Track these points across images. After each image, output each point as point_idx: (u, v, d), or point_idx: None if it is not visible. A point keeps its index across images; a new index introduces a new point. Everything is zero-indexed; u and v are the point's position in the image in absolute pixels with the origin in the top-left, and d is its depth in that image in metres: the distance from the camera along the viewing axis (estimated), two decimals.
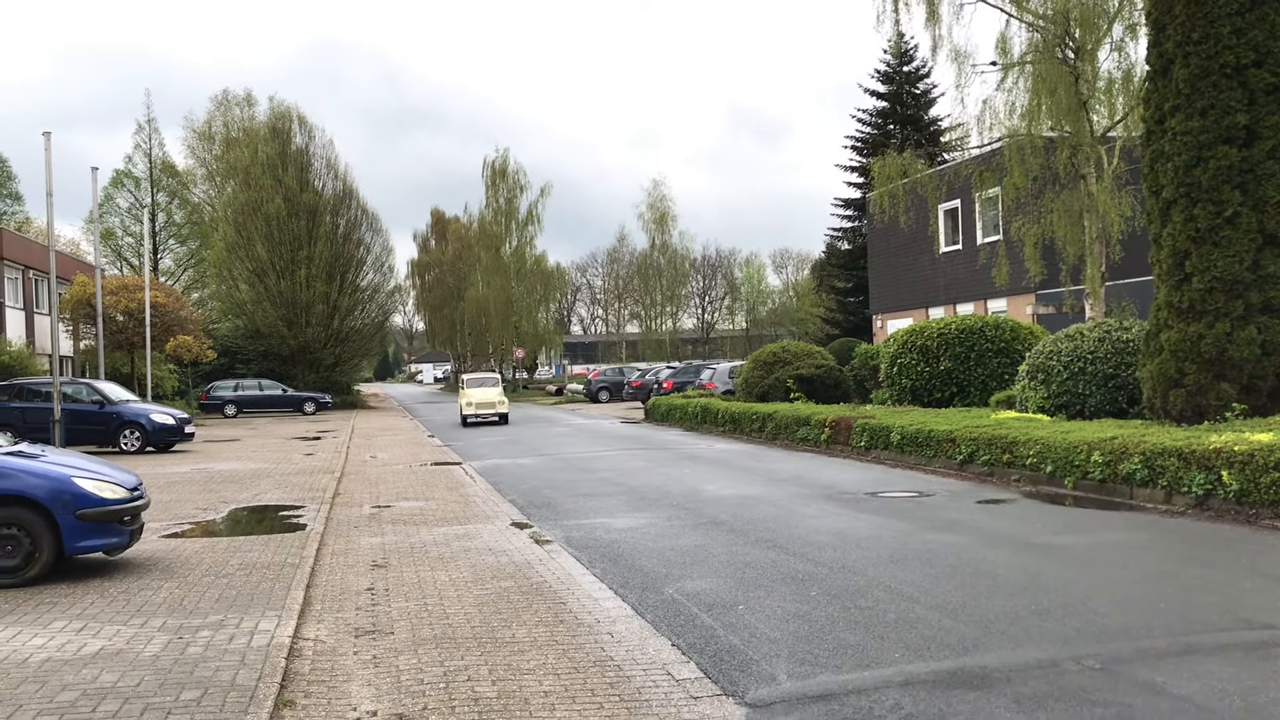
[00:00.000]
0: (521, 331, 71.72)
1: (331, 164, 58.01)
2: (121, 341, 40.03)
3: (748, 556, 10.18)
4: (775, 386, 28.44)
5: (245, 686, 6.06)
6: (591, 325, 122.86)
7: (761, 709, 5.81)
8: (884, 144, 48.64)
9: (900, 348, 24.21)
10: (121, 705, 5.75)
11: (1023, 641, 6.93)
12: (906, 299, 42.52)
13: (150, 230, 55.98)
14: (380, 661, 6.79)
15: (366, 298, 59.22)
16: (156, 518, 12.97)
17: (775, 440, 23.70)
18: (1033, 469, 14.85)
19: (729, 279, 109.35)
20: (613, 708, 5.82)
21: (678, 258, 77.60)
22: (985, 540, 10.72)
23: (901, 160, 29.59)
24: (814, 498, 14.29)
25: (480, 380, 38.23)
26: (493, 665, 6.64)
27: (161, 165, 62.66)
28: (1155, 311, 15.19)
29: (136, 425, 25.20)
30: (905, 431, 18.39)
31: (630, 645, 7.08)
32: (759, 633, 7.37)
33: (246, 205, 54.06)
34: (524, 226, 71.93)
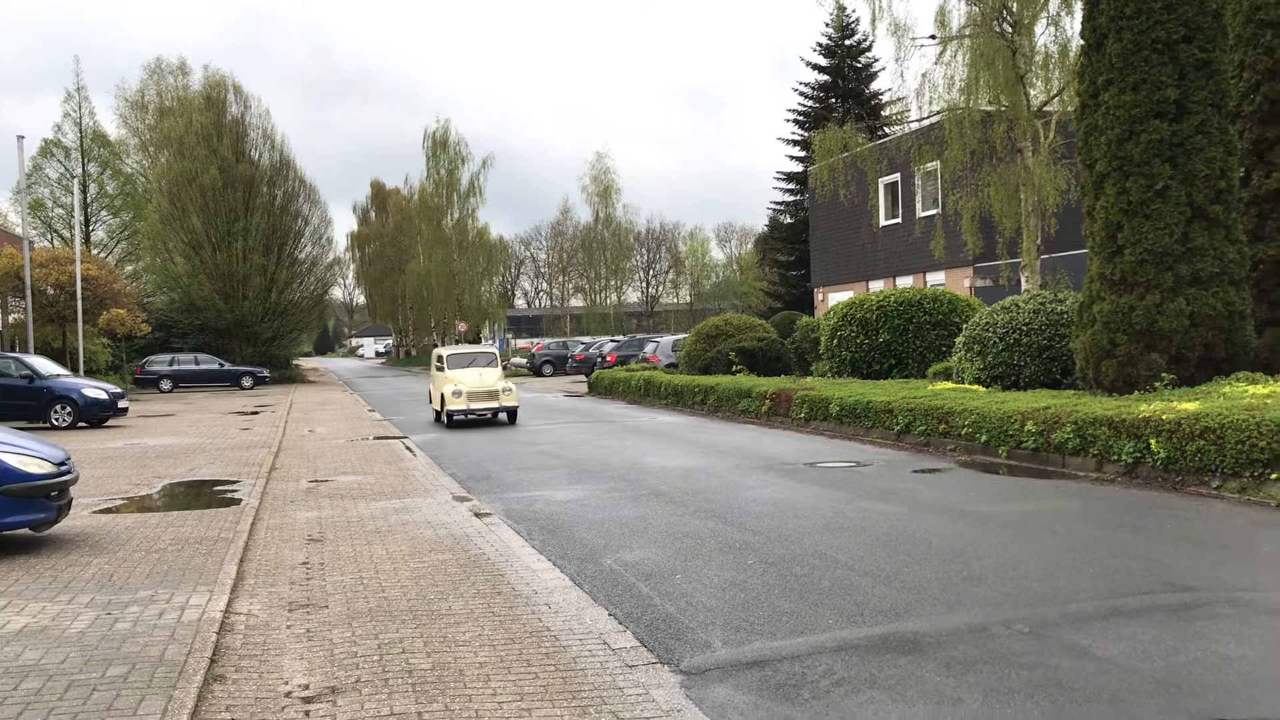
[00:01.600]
0: (464, 305, 71.17)
1: (268, 134, 57.04)
2: (52, 315, 39.10)
3: (687, 527, 10.23)
4: (718, 359, 28.55)
5: (174, 661, 5.96)
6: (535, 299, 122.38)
7: (696, 676, 5.84)
8: (825, 118, 48.81)
9: (840, 320, 24.40)
10: (44, 683, 5.63)
11: (954, 607, 7.03)
12: (847, 272, 42.84)
13: (81, 201, 54.60)
14: (314, 635, 6.72)
15: (305, 270, 58.40)
16: (88, 493, 12.71)
17: (717, 413, 23.81)
18: (968, 439, 15.07)
19: (673, 252, 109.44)
20: (548, 678, 5.81)
21: (622, 231, 77.47)
22: (920, 509, 10.86)
23: (842, 134, 29.73)
24: (753, 469, 14.38)
25: (469, 356, 24.49)
26: (428, 638, 6.60)
27: (92, 135, 61.05)
28: (1088, 283, 15.44)
29: (68, 400, 24.66)
30: (844, 403, 18.56)
31: (567, 616, 7.08)
32: (695, 601, 7.40)
33: (181, 176, 52.93)
34: (466, 198, 71.30)
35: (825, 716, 5.15)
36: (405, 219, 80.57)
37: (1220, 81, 14.53)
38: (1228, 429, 11.10)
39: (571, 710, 5.30)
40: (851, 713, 5.19)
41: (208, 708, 5.40)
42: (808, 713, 5.22)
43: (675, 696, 5.50)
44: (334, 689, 5.67)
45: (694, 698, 5.48)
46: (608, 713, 5.26)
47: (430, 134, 71.92)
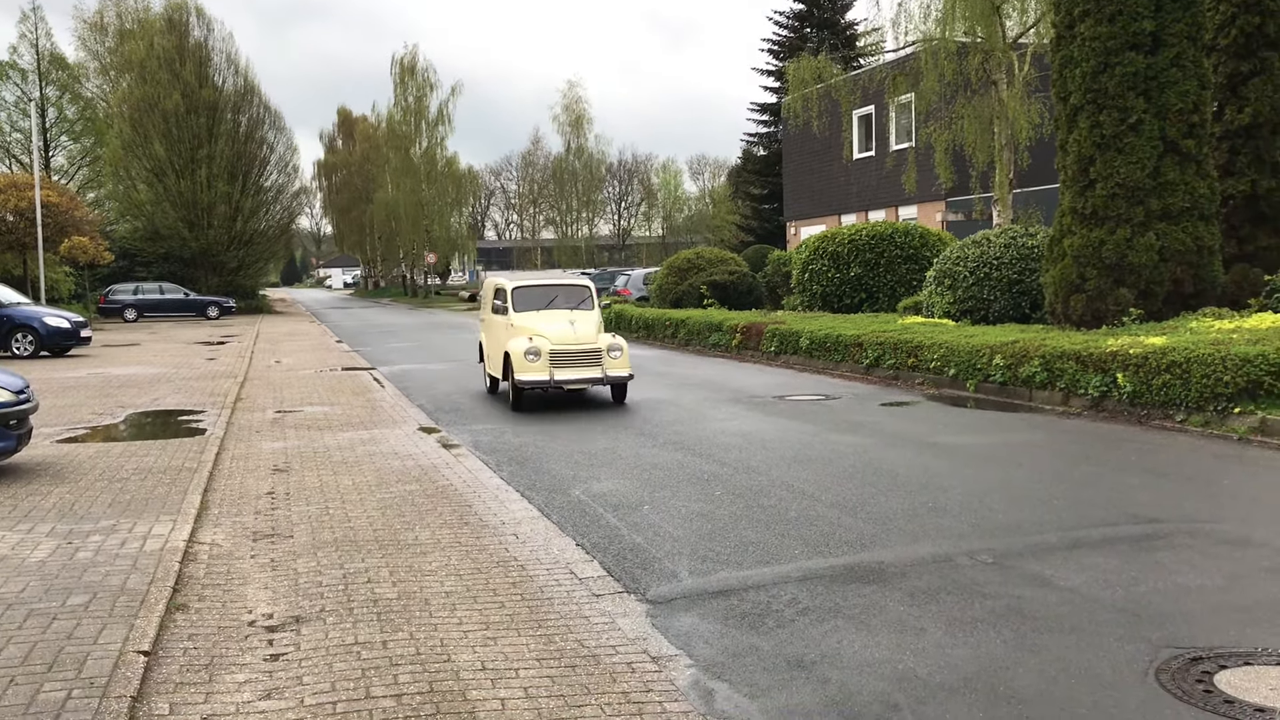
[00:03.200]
0: (433, 236, 70.45)
1: (232, 59, 55.72)
2: (12, 243, 38.36)
3: (655, 458, 10.23)
4: (689, 293, 28.47)
5: (136, 590, 5.91)
6: (506, 231, 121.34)
7: (662, 605, 5.85)
8: (800, 47, 48.23)
9: (812, 254, 24.33)
10: (3, 611, 5.57)
11: (919, 538, 7.07)
12: (820, 206, 42.67)
13: (40, 126, 53.33)
14: (278, 565, 6.68)
15: (270, 199, 57.48)
16: (49, 423, 12.55)
17: (688, 346, 23.79)
18: (936, 372, 15.13)
19: (646, 185, 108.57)
20: (514, 606, 5.81)
21: (593, 162, 76.57)
22: (887, 441, 10.91)
23: (816, 64, 29.41)
24: (723, 401, 14.39)
25: (549, 292, 14.99)
26: (394, 567, 6.58)
27: (50, 57, 59.40)
28: (1059, 218, 15.43)
29: (29, 329, 24.28)
30: (814, 336, 18.57)
31: (534, 545, 7.07)
32: (662, 531, 7.41)
33: (143, 101, 51.72)
34: (434, 127, 70.18)
35: (789, 645, 5.18)
36: (373, 147, 79.28)
37: (1196, 14, 14.42)
38: (1193, 363, 11.18)
39: (537, 639, 5.29)
40: (815, 641, 5.22)
41: (170, 636, 5.36)
42: (772, 641, 5.24)
43: (641, 625, 5.51)
44: (298, 618, 5.64)
45: (659, 626, 5.49)
46: (573, 641, 5.26)
47: (398, 60, 70.57)
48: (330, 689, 4.67)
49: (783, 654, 5.07)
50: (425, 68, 70.06)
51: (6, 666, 4.78)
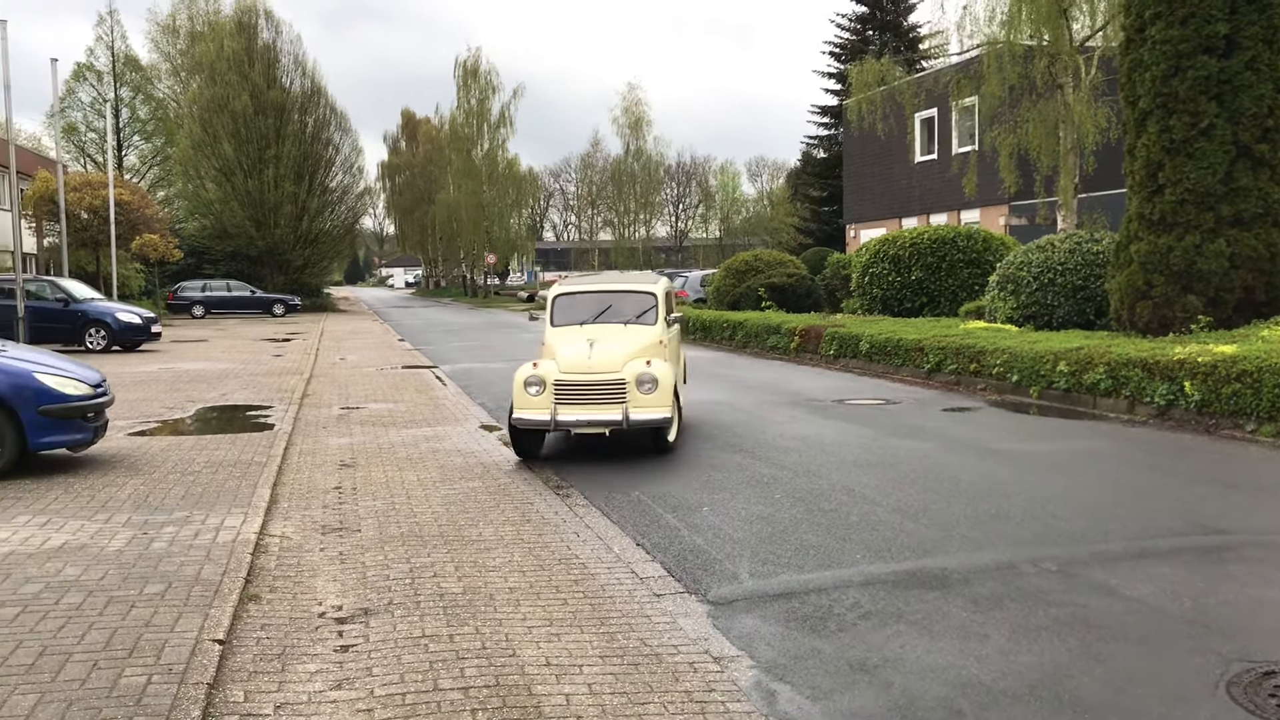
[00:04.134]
0: (493, 237, 70.99)
1: (299, 60, 56.63)
2: (86, 240, 39.36)
3: (714, 460, 10.26)
4: (747, 295, 28.42)
5: (210, 581, 6.07)
6: (564, 232, 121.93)
7: (723, 606, 5.89)
8: (862, 50, 47.96)
9: (872, 257, 24.18)
10: (85, 598, 5.75)
11: (982, 544, 7.04)
12: (880, 209, 42.38)
13: (114, 126, 54.63)
14: (346, 558, 6.82)
15: (336, 199, 58.32)
16: (123, 416, 12.88)
17: (745, 348, 23.76)
18: (999, 378, 14.98)
19: (703, 186, 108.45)
20: (577, 604, 5.88)
21: (652, 164, 76.75)
22: (949, 446, 10.83)
23: (880, 67, 29.26)
24: (781, 404, 14.37)
25: (600, 300, 11.33)
26: (459, 562, 6.68)
27: (124, 59, 60.92)
28: (1126, 223, 15.20)
29: (102, 324, 24.90)
30: (874, 340, 18.47)
31: (595, 544, 7.14)
32: (723, 533, 7.44)
33: (212, 102, 52.77)
34: (496, 129, 70.68)
35: (852, 648, 5.19)
36: (435, 149, 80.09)
37: (1273, 16, 14.11)
38: (1265, 372, 10.96)
39: (600, 636, 5.36)
40: (878, 645, 5.22)
41: (243, 626, 5.50)
42: (834, 644, 5.26)
43: (702, 625, 5.55)
44: (366, 610, 5.76)
45: (721, 627, 5.53)
46: (635, 639, 5.32)
47: (461, 62, 71.20)
48: (399, 680, 4.77)
49: (845, 657, 5.08)
50: (488, 70, 70.64)
51: (90, 651, 4.94)
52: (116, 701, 4.37)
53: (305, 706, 4.52)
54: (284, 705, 4.53)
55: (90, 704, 4.34)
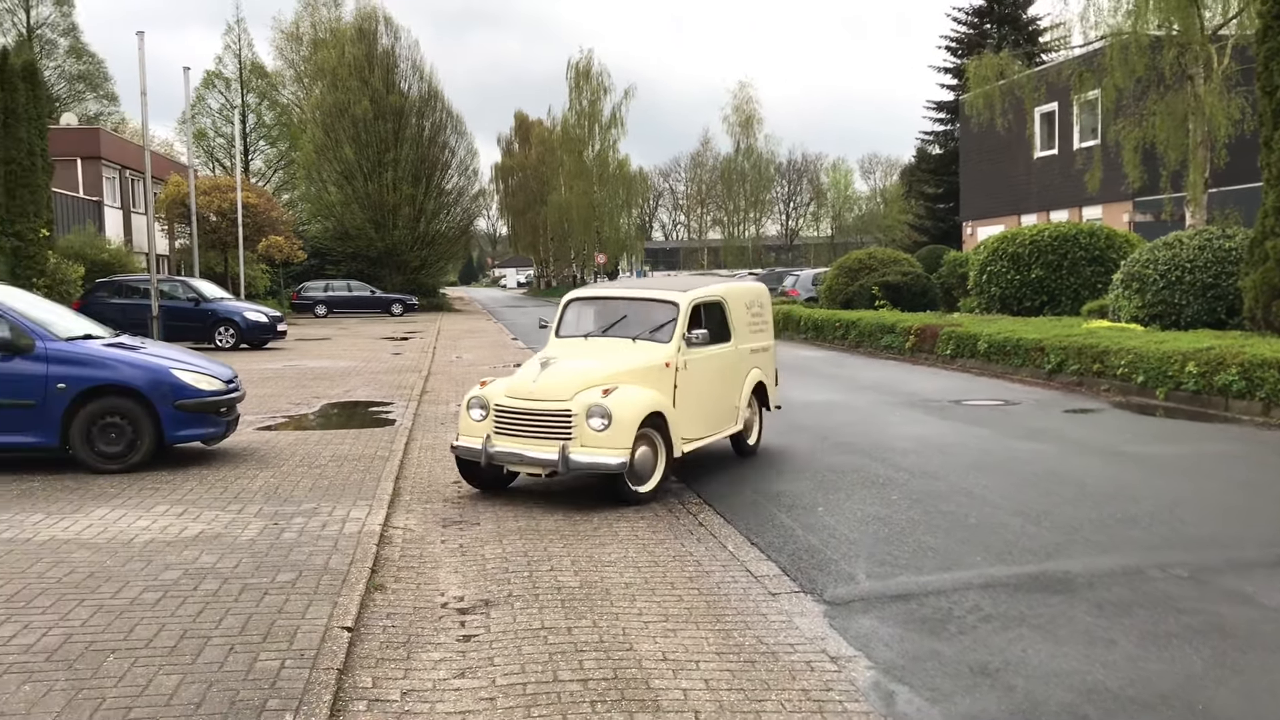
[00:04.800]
0: (603, 236, 71.59)
1: (417, 65, 57.82)
2: (215, 241, 40.88)
3: (828, 460, 10.18)
4: (860, 294, 28.09)
5: (338, 570, 6.28)
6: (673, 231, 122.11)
7: (839, 606, 5.85)
8: (980, 44, 46.94)
9: (990, 255, 23.69)
10: (221, 585, 6.01)
11: (1107, 549, 6.85)
12: (998, 205, 41.40)
13: (241, 131, 56.68)
14: (467, 550, 6.97)
15: (451, 201, 59.39)
16: (251, 411, 13.36)
17: (858, 348, 23.49)
18: (1124, 379, 14.53)
19: (815, 184, 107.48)
20: (692, 600, 5.91)
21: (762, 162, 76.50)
22: (1071, 448, 10.55)
23: (998, 61, 28.62)
24: (896, 404, 14.18)
25: (611, 311, 9.59)
26: (575, 557, 6.78)
27: (251, 66, 63.18)
28: (1262, 218, 14.60)
29: (231, 322, 25.86)
30: (993, 340, 18.08)
31: (710, 542, 7.16)
32: (838, 534, 7.39)
33: (334, 107, 54.30)
34: (607, 130, 71.28)
35: (972, 651, 5.11)
36: (547, 150, 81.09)
37: None
38: None
39: (716, 633, 5.38)
40: (999, 649, 5.14)
41: (369, 614, 5.67)
42: (954, 647, 5.18)
43: (819, 625, 5.53)
44: (487, 602, 5.88)
45: (838, 627, 5.50)
46: (751, 637, 5.33)
47: (573, 64, 72.03)
48: (520, 671, 4.87)
49: (965, 660, 5.01)
50: (599, 71, 71.31)
51: (227, 635, 5.16)
52: (252, 684, 4.56)
53: (430, 693, 4.65)
54: (410, 692, 4.67)
55: (228, 686, 4.54)
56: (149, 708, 4.30)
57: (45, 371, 9.27)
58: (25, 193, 25.70)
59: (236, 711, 4.26)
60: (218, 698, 4.40)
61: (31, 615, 5.44)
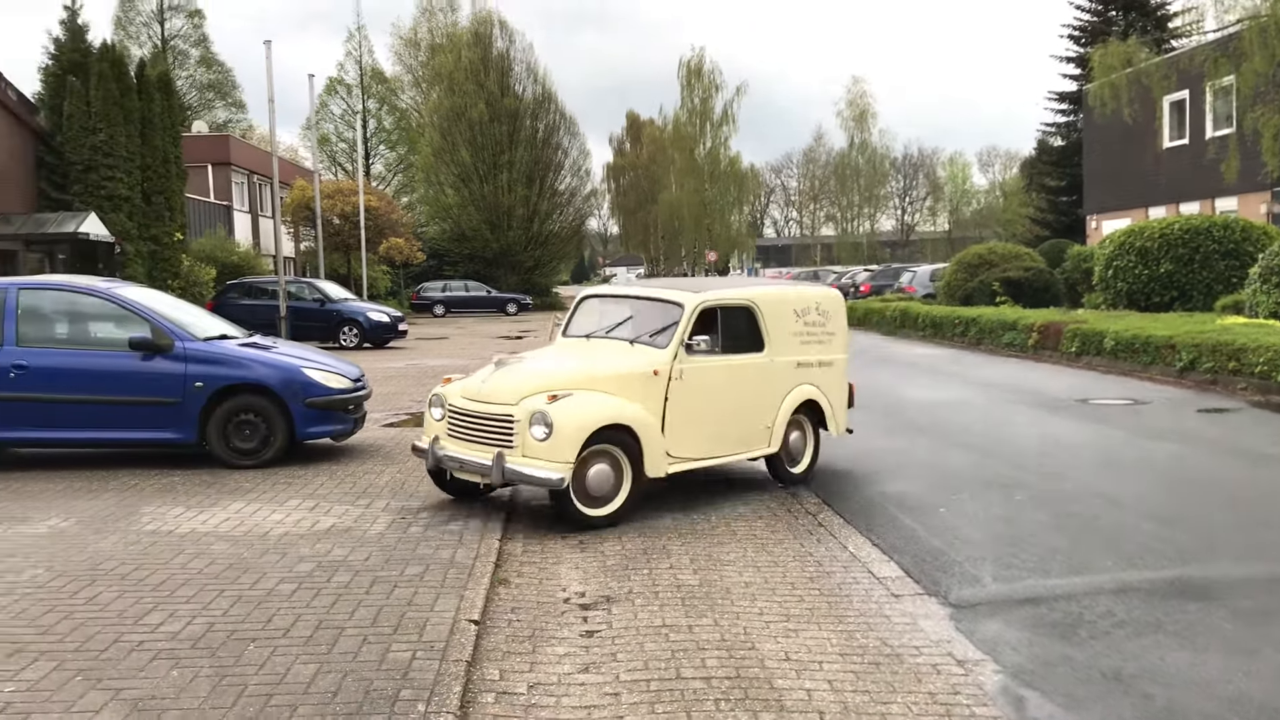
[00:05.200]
0: (714, 234, 71.56)
1: (531, 68, 58.55)
2: (338, 243, 42.10)
3: (949, 460, 10.00)
4: (979, 290, 27.49)
5: (463, 564, 6.41)
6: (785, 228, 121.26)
7: (965, 609, 5.75)
8: (1105, 32, 45.42)
9: (1117, 249, 22.95)
10: (352, 577, 6.19)
11: (1246, 555, 6.59)
12: (1124, 198, 40.04)
13: (362, 136, 58.29)
14: (586, 547, 7.05)
15: (564, 201, 60.00)
16: (376, 408, 13.71)
17: (978, 345, 22.99)
18: (1262, 377, 13.92)
19: (931, 178, 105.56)
20: (813, 601, 5.88)
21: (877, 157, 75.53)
22: (1206, 450, 10.16)
23: (1125, 48, 27.69)
24: (1019, 403, 13.85)
25: (617, 310, 9.01)
26: (694, 555, 6.80)
27: (371, 72, 64.94)
28: None
29: (354, 322, 26.59)
30: (1120, 337, 17.51)
31: (830, 543, 7.10)
32: (962, 535, 7.26)
33: (451, 111, 55.38)
34: (718, 127, 71.26)
35: (1105, 657, 4.97)
36: (659, 149, 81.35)
37: None
38: None
39: (838, 634, 5.34)
40: (1134, 655, 4.98)
41: (495, 608, 5.78)
42: (1086, 652, 5.05)
43: (944, 628, 5.45)
44: (608, 598, 5.95)
45: (964, 630, 5.41)
46: (875, 639, 5.27)
47: (685, 63, 72.16)
48: (643, 667, 4.91)
49: (1098, 666, 4.88)
50: (711, 70, 71.29)
51: (360, 627, 5.32)
52: (385, 674, 4.69)
53: (556, 687, 4.72)
54: (536, 685, 4.75)
55: (363, 675, 4.68)
56: (288, 695, 4.46)
57: (184, 370, 9.67)
58: (161, 199, 26.90)
59: (371, 701, 4.39)
60: (353, 687, 4.55)
61: (176, 604, 5.69)
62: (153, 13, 61.01)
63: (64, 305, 10.26)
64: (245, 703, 4.38)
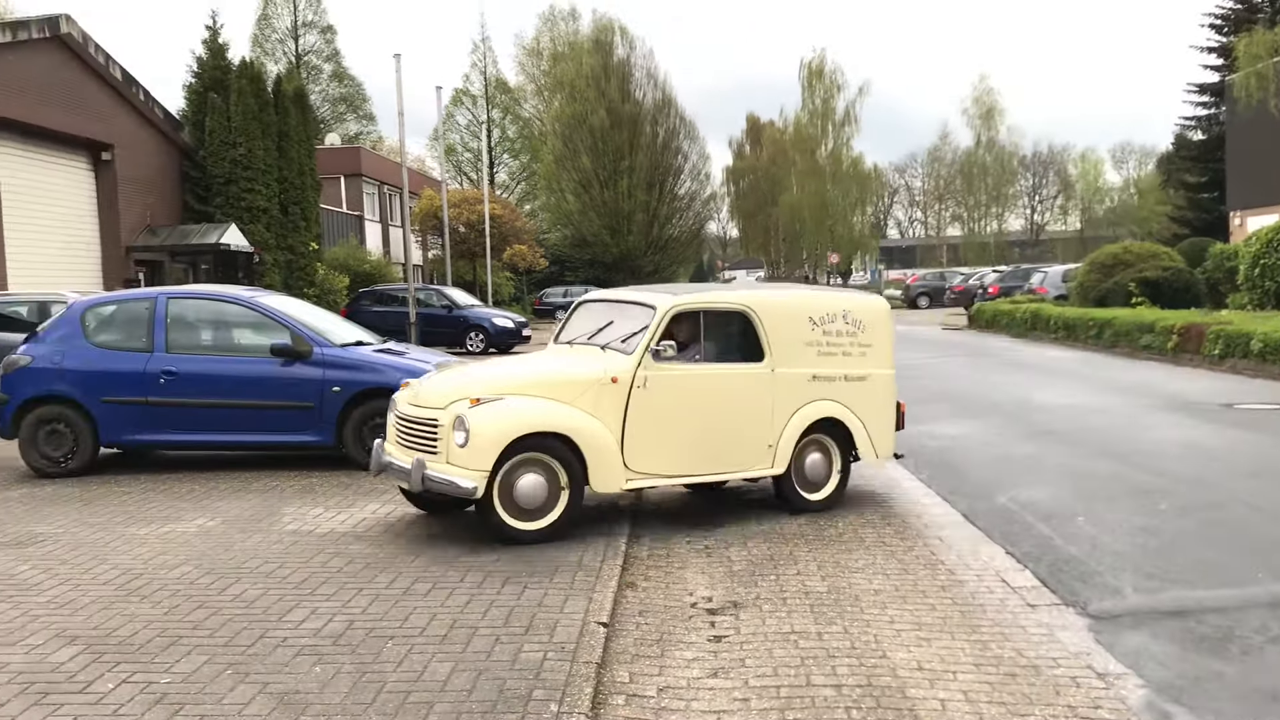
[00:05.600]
0: (836, 236, 70.64)
1: (651, 74, 58.86)
2: (464, 251, 42.99)
3: (1085, 467, 9.69)
4: (1115, 291, 26.57)
5: (590, 567, 6.48)
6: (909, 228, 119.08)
7: (1106, 621, 5.56)
8: (1249, 20, 43.46)
9: (1264, 247, 21.94)
10: (484, 578, 6.29)
11: None
12: (1272, 193, 38.17)
13: (487, 145, 59.44)
14: (712, 552, 7.04)
15: (684, 206, 60.16)
16: None
17: (1114, 348, 22.20)
18: None
19: (1062, 176, 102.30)
20: (945, 610, 5.76)
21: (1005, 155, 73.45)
22: None
23: (1272, 37, 26.44)
24: (1158, 408, 13.33)
25: (605, 314, 8.33)
26: (821, 562, 6.73)
27: (495, 82, 66.13)
28: None
29: (480, 328, 27.13)
30: (1269, 339, 16.69)
31: (961, 550, 6.96)
32: (1100, 544, 7.03)
33: (572, 118, 56.05)
34: (840, 127, 70.29)
35: (1260, 674, 4.76)
36: (779, 151, 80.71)
37: None
38: None
39: (972, 644, 5.23)
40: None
41: (622, 611, 5.83)
42: (1238, 668, 4.84)
43: (1084, 639, 5.28)
44: (735, 604, 5.93)
45: (1104, 643, 5.24)
46: (1010, 649, 5.15)
47: (806, 63, 71.39)
48: (772, 673, 4.89)
49: (1253, 683, 4.67)
50: (833, 70, 70.42)
51: (492, 626, 5.42)
52: (518, 674, 4.77)
53: (685, 691, 4.74)
54: (666, 689, 4.77)
55: (496, 675, 4.77)
56: (426, 693, 4.58)
57: (322, 376, 10.01)
58: (297, 210, 27.89)
59: (505, 700, 4.47)
60: (487, 685, 4.64)
61: (317, 601, 5.89)
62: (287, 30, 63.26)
63: (209, 313, 10.72)
64: (384, 699, 4.51)
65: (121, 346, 10.23)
